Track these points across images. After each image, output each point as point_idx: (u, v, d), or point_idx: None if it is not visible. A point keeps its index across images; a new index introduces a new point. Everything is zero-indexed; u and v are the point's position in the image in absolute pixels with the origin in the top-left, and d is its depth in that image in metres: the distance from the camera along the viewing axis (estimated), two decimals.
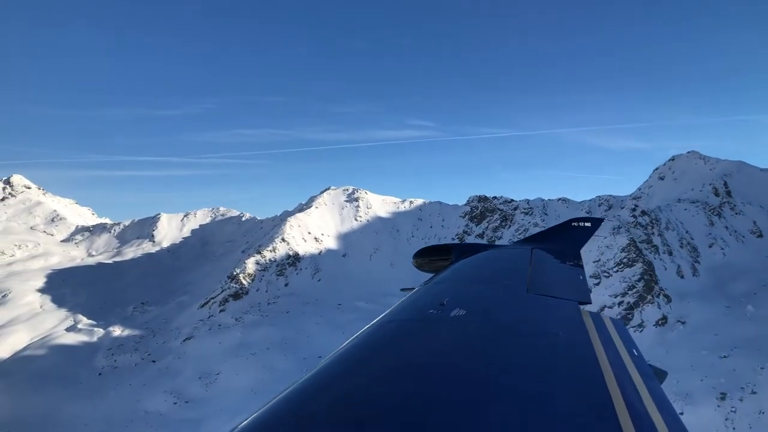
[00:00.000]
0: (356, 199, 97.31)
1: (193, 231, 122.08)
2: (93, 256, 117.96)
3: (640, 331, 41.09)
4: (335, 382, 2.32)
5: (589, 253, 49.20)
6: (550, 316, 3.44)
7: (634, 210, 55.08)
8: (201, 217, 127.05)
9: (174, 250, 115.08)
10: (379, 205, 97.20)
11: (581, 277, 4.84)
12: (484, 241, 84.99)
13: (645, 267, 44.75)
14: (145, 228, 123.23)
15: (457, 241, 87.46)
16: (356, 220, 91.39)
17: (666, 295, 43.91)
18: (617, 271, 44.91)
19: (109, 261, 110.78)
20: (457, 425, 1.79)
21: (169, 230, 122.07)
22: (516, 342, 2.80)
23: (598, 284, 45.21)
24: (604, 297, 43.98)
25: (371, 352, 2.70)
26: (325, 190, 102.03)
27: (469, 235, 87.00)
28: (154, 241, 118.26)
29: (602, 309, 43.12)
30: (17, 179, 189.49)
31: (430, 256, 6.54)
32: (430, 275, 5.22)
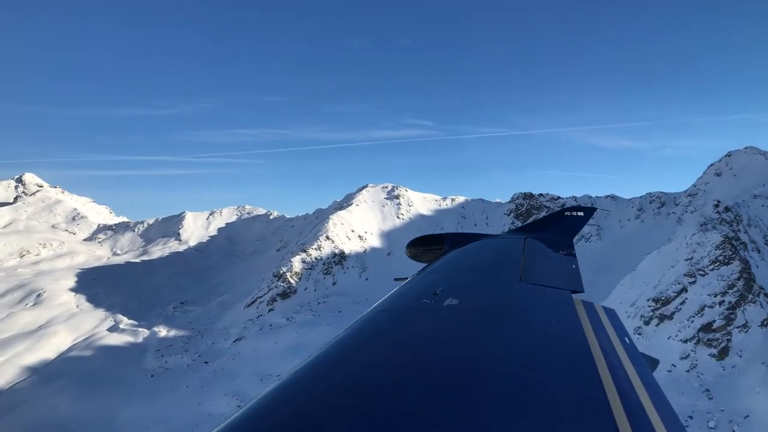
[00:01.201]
0: (397, 197, 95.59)
1: (220, 229, 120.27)
2: (118, 255, 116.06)
3: (745, 332, 39.80)
4: (329, 371, 2.29)
5: (676, 251, 48.02)
6: (542, 305, 3.43)
7: (717, 206, 53.92)
8: (227, 216, 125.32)
9: (202, 248, 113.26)
10: (420, 202, 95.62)
11: (574, 266, 4.80)
12: None
13: (742, 264, 43.52)
14: (170, 227, 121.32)
15: None
16: (398, 217, 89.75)
17: (767, 294, 42.82)
18: (713, 269, 43.69)
19: (137, 260, 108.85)
20: (451, 414, 1.81)
21: (195, 229, 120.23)
22: (509, 331, 2.80)
23: (693, 283, 43.92)
24: (702, 296, 42.71)
25: (365, 341, 2.67)
26: (363, 188, 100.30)
27: None
28: (180, 240, 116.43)
29: (702, 309, 41.89)
30: (29, 178, 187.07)
31: (424, 246, 6.51)
32: (424, 265, 5.18)
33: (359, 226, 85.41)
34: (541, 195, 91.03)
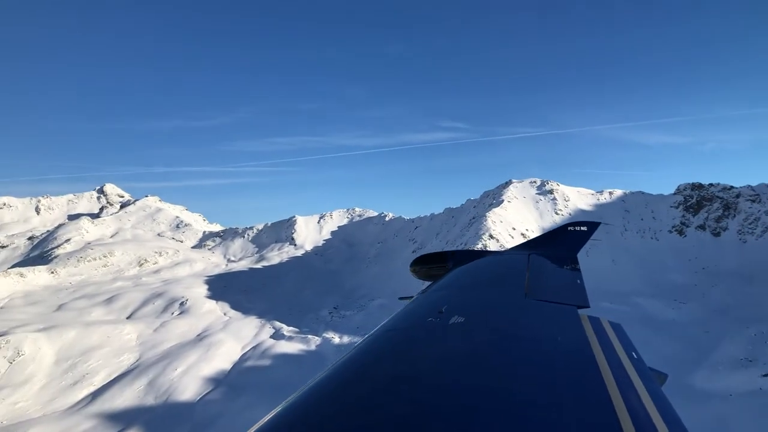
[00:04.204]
0: (550, 192, 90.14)
1: (333, 233, 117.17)
2: (233, 261, 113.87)
3: None
4: (336, 392, 2.28)
5: None
6: (548, 321, 3.40)
7: None
8: (337, 219, 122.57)
9: (321, 252, 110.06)
10: (575, 197, 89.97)
11: (579, 281, 4.76)
12: (707, 233, 77.57)
13: None
14: (281, 231, 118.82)
15: (675, 234, 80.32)
16: (556, 213, 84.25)
17: None
18: None
19: (259, 266, 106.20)
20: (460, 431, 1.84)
21: (308, 233, 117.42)
22: (515, 348, 2.80)
23: None
24: None
25: (371, 361, 2.66)
26: (509, 184, 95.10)
27: (687, 226, 78.80)
28: (295, 245, 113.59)
29: None
30: (110, 188, 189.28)
31: (428, 264, 6.44)
32: (428, 283, 5.16)
33: (519, 224, 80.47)
34: (711, 185, 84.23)
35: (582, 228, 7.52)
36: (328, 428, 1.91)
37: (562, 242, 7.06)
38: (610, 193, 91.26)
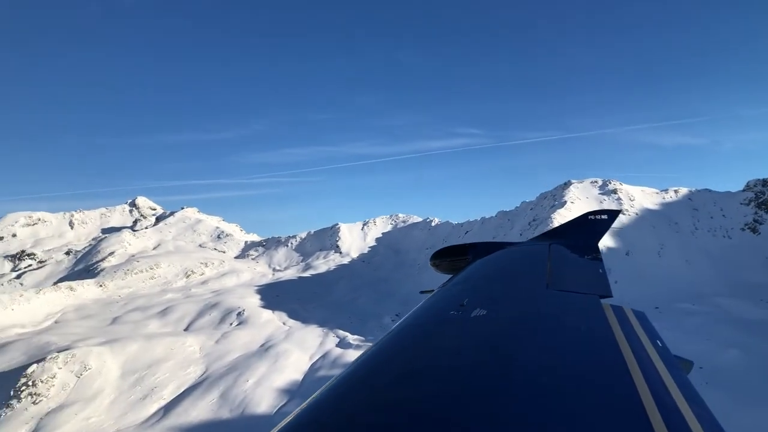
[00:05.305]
0: (614, 191, 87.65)
1: (378, 239, 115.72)
2: (279, 270, 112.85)
3: None
4: (360, 388, 2.27)
5: None
6: (571, 311, 3.37)
7: None
8: (381, 225, 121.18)
9: (367, 260, 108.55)
10: (640, 196, 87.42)
11: (601, 270, 4.64)
12: None
13: None
14: (325, 239, 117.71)
15: (748, 232, 77.43)
16: (623, 214, 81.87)
17: None
18: None
19: (306, 274, 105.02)
20: (486, 424, 1.85)
21: (353, 240, 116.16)
22: (538, 338, 2.79)
23: None
24: None
25: (394, 356, 2.66)
26: (569, 184, 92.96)
27: (761, 224, 75.66)
28: (341, 252, 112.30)
29: None
30: (142, 201, 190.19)
31: (448, 257, 6.31)
32: (449, 276, 5.05)
33: None
34: None
35: (602, 216, 7.37)
36: (354, 422, 1.91)
37: (583, 231, 6.89)
38: (676, 191, 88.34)
